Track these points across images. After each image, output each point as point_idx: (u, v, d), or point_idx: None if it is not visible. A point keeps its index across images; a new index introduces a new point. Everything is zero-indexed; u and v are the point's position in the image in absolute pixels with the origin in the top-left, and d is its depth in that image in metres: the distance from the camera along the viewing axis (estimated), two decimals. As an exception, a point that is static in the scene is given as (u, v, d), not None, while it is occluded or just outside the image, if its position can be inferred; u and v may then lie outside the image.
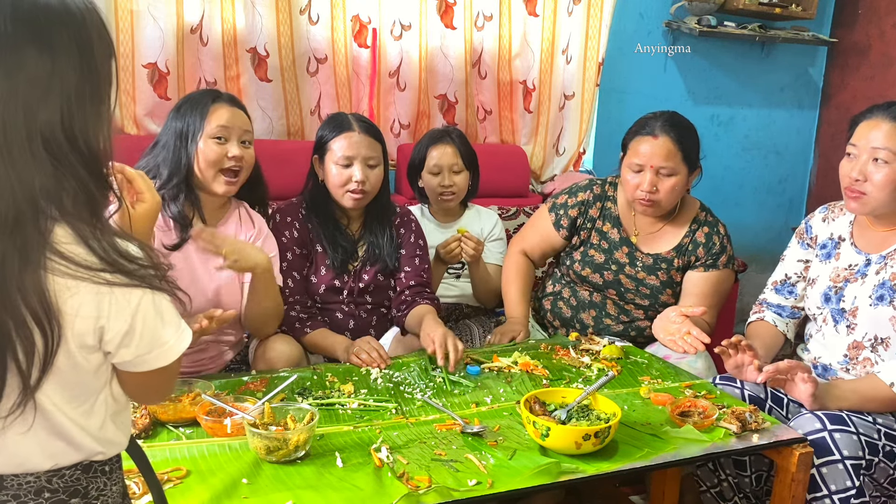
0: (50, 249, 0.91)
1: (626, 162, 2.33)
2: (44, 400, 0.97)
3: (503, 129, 3.35)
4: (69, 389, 0.99)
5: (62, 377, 0.97)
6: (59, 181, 0.91)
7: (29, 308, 0.89)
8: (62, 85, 0.91)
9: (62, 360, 0.95)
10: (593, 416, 1.63)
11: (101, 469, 1.05)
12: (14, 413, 0.94)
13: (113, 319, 0.96)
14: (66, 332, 0.93)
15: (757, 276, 3.54)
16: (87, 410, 1.02)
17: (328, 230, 2.24)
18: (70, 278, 0.92)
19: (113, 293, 0.95)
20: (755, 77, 3.89)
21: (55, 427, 0.99)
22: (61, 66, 0.91)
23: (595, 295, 2.44)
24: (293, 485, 1.39)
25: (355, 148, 2.18)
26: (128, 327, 0.97)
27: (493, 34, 3.19)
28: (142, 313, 0.98)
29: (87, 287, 0.93)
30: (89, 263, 0.93)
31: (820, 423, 1.75)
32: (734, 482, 2.00)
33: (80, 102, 0.93)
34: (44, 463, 1.00)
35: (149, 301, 0.98)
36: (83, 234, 0.93)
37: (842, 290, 2.03)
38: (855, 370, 1.99)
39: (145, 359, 1.02)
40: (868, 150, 1.94)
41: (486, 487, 1.42)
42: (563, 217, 2.46)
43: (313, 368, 1.97)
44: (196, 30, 2.75)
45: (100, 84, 0.96)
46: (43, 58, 0.90)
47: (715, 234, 2.36)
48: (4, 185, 0.88)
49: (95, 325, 0.95)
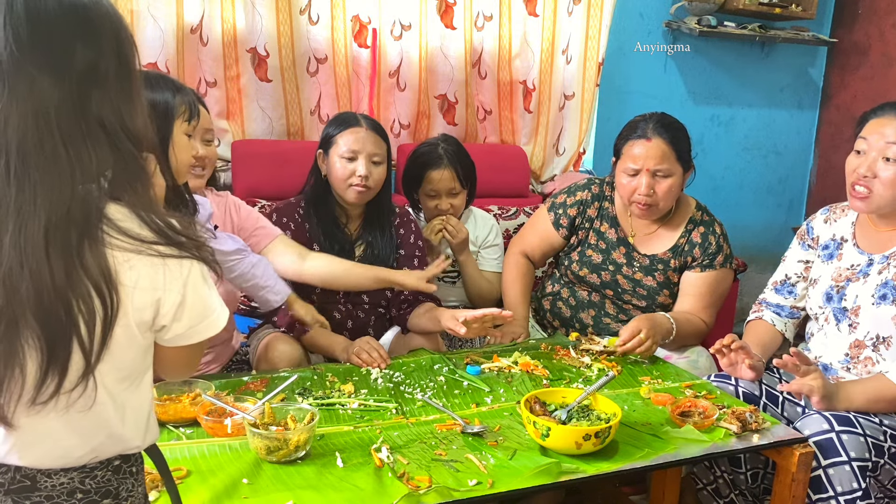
0: (108, 225, 0.94)
1: (620, 167, 2.32)
2: (98, 382, 0.98)
3: (503, 129, 3.35)
4: (122, 369, 1.01)
5: (117, 355, 0.98)
6: (112, 161, 0.95)
7: (91, 279, 0.92)
8: (107, 71, 0.95)
9: (120, 335, 0.97)
10: (594, 416, 1.63)
11: (129, 470, 1.07)
12: (78, 387, 0.95)
13: (168, 291, 0.99)
14: (125, 306, 0.96)
15: (757, 276, 3.55)
16: (135, 392, 1.04)
17: (326, 226, 2.24)
18: (127, 252, 0.95)
19: (166, 265, 0.98)
20: (755, 77, 3.90)
21: (101, 415, 1.01)
22: (105, 53, 0.96)
23: (594, 295, 2.44)
24: (293, 485, 1.39)
25: (361, 143, 2.19)
26: (181, 298, 1.01)
27: (493, 34, 3.19)
28: (192, 283, 1.01)
29: (143, 260, 0.96)
30: (144, 237, 0.96)
31: (827, 424, 1.75)
32: (730, 479, 2.01)
33: (122, 86, 0.97)
34: (84, 456, 1.01)
35: (197, 271, 1.02)
36: (136, 209, 0.97)
37: (843, 290, 2.03)
38: (856, 369, 1.99)
39: (197, 329, 1.05)
40: (879, 147, 1.93)
41: (486, 487, 1.42)
42: (562, 216, 2.46)
43: (313, 368, 1.97)
44: (196, 30, 2.75)
45: (133, 70, 1.00)
46: (90, 47, 0.94)
47: (711, 233, 2.36)
48: (64, 166, 0.91)
49: (153, 298, 0.98)
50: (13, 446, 0.99)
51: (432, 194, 2.53)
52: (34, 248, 0.89)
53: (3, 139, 0.89)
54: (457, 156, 2.53)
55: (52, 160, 0.90)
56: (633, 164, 2.26)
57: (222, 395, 1.67)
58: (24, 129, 0.89)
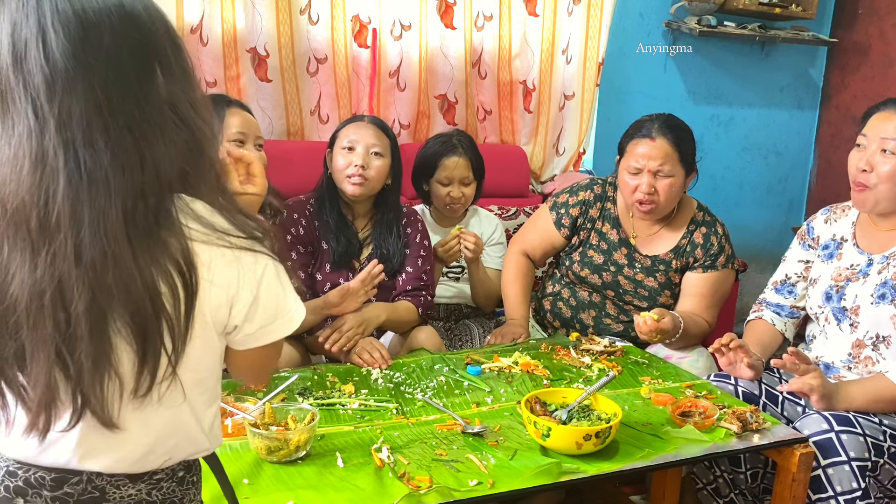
0: (182, 212, 0.94)
1: (623, 164, 2.32)
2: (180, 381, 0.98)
3: (503, 129, 3.35)
4: (199, 371, 1.01)
5: (195, 356, 0.98)
6: (182, 146, 0.94)
7: (171, 260, 0.91)
8: (165, 56, 0.95)
9: (198, 334, 0.96)
10: (594, 416, 1.63)
11: (191, 479, 1.07)
12: (167, 378, 0.95)
13: (242, 289, 0.98)
14: (202, 303, 0.95)
15: (757, 276, 3.54)
16: (209, 399, 1.04)
17: (334, 224, 2.24)
18: (201, 243, 0.94)
19: (240, 261, 0.97)
20: (755, 77, 3.89)
21: (181, 415, 1.01)
22: (159, 38, 0.95)
23: (594, 295, 2.44)
24: (294, 485, 1.39)
25: (360, 133, 2.21)
26: (253, 297, 1.00)
27: (493, 34, 3.19)
28: (266, 282, 1.00)
29: (220, 253, 0.96)
30: (218, 225, 0.96)
31: (827, 424, 1.75)
32: (730, 479, 2.01)
33: (182, 71, 0.97)
34: (160, 457, 1.01)
35: (272, 269, 1.01)
36: (216, 204, 0.97)
37: (843, 289, 2.03)
38: (857, 369, 1.99)
39: (268, 329, 1.04)
40: (877, 140, 1.94)
41: (486, 487, 1.42)
42: (564, 216, 2.45)
43: (314, 368, 1.97)
44: (196, 30, 2.75)
45: (188, 58, 0.99)
46: (142, 33, 0.93)
47: (713, 234, 2.36)
48: (132, 151, 0.90)
49: (228, 295, 0.98)
50: (89, 451, 0.97)
51: (446, 182, 2.57)
52: (115, 236, 0.88)
53: (67, 133, 0.87)
54: (471, 147, 2.62)
55: (120, 147, 0.89)
56: (636, 162, 2.26)
57: (222, 395, 1.67)
58: (87, 119, 0.88)
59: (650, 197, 2.26)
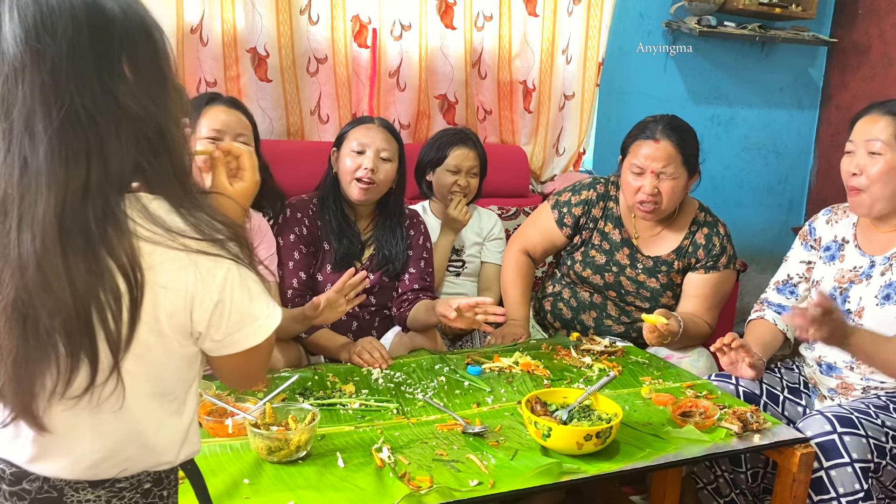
0: (137, 211, 0.90)
1: (626, 165, 2.32)
2: (130, 390, 0.94)
3: (503, 129, 3.35)
4: (161, 379, 0.97)
5: (153, 364, 0.95)
6: (144, 146, 0.91)
7: (115, 261, 0.87)
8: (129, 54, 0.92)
9: (154, 342, 0.93)
10: (595, 416, 1.63)
11: (160, 494, 1.03)
12: (109, 382, 0.91)
13: (201, 294, 0.94)
14: (156, 309, 0.92)
15: (757, 276, 3.55)
16: (179, 408, 1.00)
17: (337, 224, 2.24)
18: (154, 244, 0.90)
19: (198, 266, 0.93)
20: (755, 77, 3.89)
21: (134, 424, 0.97)
22: (148, 53, 0.93)
23: (595, 296, 2.44)
24: (294, 485, 1.39)
25: (370, 137, 2.21)
26: (215, 303, 0.95)
27: (493, 34, 3.19)
28: (229, 287, 0.96)
29: (173, 256, 0.91)
30: (173, 226, 0.92)
31: (829, 426, 1.75)
32: (730, 479, 2.01)
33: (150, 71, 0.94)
34: (113, 467, 0.97)
35: (235, 275, 0.96)
36: (174, 203, 0.93)
37: (847, 292, 2.03)
38: (859, 369, 1.99)
39: (236, 337, 1.00)
40: (863, 143, 1.96)
41: (487, 488, 1.42)
42: (566, 215, 2.45)
43: (314, 368, 1.97)
44: (196, 30, 2.74)
45: (161, 55, 0.96)
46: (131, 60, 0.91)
47: (715, 234, 2.35)
48: (95, 155, 0.87)
49: (184, 300, 0.93)
50: (41, 452, 0.95)
51: (454, 171, 2.62)
52: (44, 232, 0.84)
53: (8, 120, 0.85)
54: (479, 143, 2.71)
55: (62, 139, 0.86)
56: (639, 163, 2.26)
57: (223, 395, 1.67)
58: (30, 107, 0.85)
59: (653, 198, 2.25)
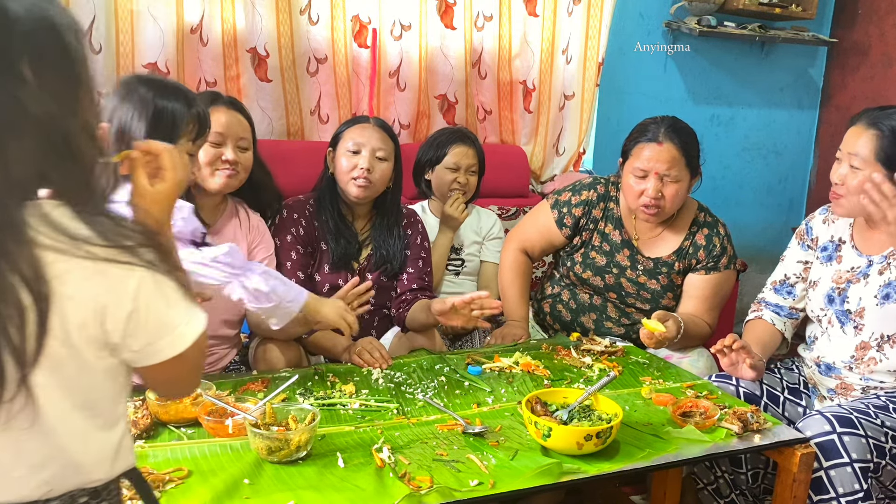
0: (45, 225, 0.86)
1: (628, 168, 2.30)
2: (47, 406, 0.90)
3: (503, 129, 3.35)
4: (80, 393, 0.93)
5: (68, 377, 0.91)
6: (49, 155, 0.88)
7: (18, 272, 0.83)
8: (47, 84, 0.88)
9: (64, 354, 0.89)
10: (595, 416, 1.63)
11: None
12: (16, 399, 0.86)
13: (112, 304, 0.90)
14: (64, 321, 0.88)
15: (757, 276, 3.54)
16: (106, 422, 0.96)
17: (334, 224, 2.24)
18: (58, 253, 0.86)
19: (107, 274, 0.89)
20: (755, 77, 3.89)
21: (55, 442, 0.92)
22: (58, 58, 0.89)
23: (595, 298, 2.43)
24: (295, 485, 1.39)
25: (366, 136, 2.21)
26: (128, 313, 0.91)
27: (493, 34, 3.19)
28: (143, 295, 0.92)
29: (78, 265, 0.87)
30: (78, 234, 0.87)
31: (829, 426, 1.75)
32: (730, 479, 2.01)
33: (68, 89, 0.90)
34: (37, 488, 0.92)
35: (149, 282, 0.92)
36: (78, 210, 0.89)
37: (845, 292, 2.03)
38: (859, 369, 1.99)
39: (156, 347, 0.95)
40: (846, 155, 1.99)
41: (487, 488, 1.41)
42: (566, 216, 2.43)
43: (314, 369, 1.97)
44: (196, 30, 2.74)
45: (75, 60, 0.92)
46: (34, 62, 0.87)
47: (715, 235, 2.35)
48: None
49: (93, 310, 0.89)
50: None
51: (453, 168, 2.65)
52: None
53: None
54: (477, 143, 2.74)
55: None
56: (642, 166, 2.24)
57: (223, 396, 1.67)
58: None
59: (656, 201, 2.24)
